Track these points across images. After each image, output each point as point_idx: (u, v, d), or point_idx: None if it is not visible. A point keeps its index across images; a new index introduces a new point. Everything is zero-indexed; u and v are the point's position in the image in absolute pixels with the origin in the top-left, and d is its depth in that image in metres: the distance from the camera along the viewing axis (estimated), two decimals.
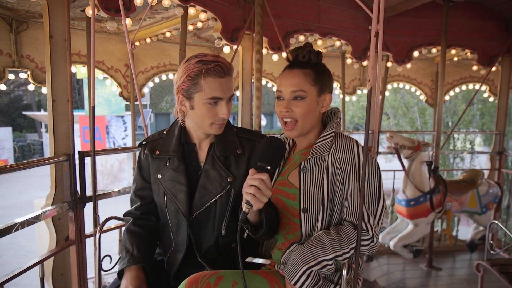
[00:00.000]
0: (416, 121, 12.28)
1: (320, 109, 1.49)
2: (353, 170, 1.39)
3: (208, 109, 1.42)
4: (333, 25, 3.89)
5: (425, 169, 3.98)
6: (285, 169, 1.56)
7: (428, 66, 5.98)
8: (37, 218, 1.90)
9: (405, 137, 4.08)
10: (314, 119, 1.49)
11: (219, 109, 1.42)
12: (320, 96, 1.48)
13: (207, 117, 1.43)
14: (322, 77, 1.47)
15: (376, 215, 1.40)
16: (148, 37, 4.64)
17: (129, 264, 1.42)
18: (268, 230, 1.38)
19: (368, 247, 1.37)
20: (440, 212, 4.00)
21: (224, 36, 3.14)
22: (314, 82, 1.45)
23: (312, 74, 1.45)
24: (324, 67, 1.50)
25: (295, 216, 1.47)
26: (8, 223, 1.78)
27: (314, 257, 1.32)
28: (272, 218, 1.42)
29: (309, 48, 1.47)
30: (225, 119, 1.47)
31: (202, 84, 1.37)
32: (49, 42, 1.93)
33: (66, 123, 2.03)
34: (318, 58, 1.48)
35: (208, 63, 1.37)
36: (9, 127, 19.28)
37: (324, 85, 1.47)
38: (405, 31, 4.29)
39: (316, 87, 1.46)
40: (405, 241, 3.98)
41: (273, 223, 1.42)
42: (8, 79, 4.09)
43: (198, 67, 1.37)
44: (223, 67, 1.39)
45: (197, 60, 1.39)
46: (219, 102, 1.42)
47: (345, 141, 1.43)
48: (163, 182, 1.53)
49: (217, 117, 1.44)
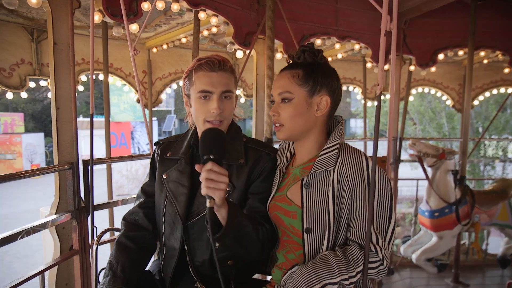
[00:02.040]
0: (443, 127, 11.83)
1: (315, 112, 1.36)
2: (362, 186, 1.26)
3: (201, 105, 1.42)
4: (351, 27, 3.75)
5: (450, 178, 3.76)
6: (284, 184, 1.44)
7: (455, 70, 5.72)
8: (42, 226, 1.88)
9: (428, 144, 3.87)
10: (306, 123, 1.36)
11: (210, 104, 1.40)
12: (313, 98, 1.34)
13: (200, 113, 1.43)
14: (314, 76, 1.33)
15: (386, 236, 1.27)
16: (165, 43, 4.65)
17: (109, 286, 1.35)
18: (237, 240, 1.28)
19: (377, 271, 1.24)
20: (467, 225, 3.76)
21: (237, 40, 3.07)
22: (302, 82, 1.33)
23: (301, 73, 1.34)
24: (320, 66, 1.36)
25: (296, 235, 1.36)
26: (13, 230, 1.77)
27: (318, 279, 1.19)
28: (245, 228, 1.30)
29: (303, 48, 1.36)
30: (217, 115, 1.41)
31: (194, 78, 1.41)
32: (53, 49, 1.91)
33: (70, 131, 2.00)
34: (314, 57, 1.36)
35: (202, 59, 1.41)
36: (42, 133, 19.96)
37: (318, 85, 1.33)
38: (429, 33, 4.09)
39: (305, 87, 1.33)
40: (429, 254, 3.76)
41: (244, 233, 1.30)
42: (30, 87, 4.18)
43: (193, 64, 1.43)
44: (214, 62, 1.40)
45: (196, 59, 1.45)
46: (209, 96, 1.40)
47: (353, 154, 1.30)
48: (167, 182, 1.50)
49: (209, 113, 1.41)
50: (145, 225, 1.54)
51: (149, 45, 4.84)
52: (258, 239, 1.34)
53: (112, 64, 4.69)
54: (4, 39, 3.86)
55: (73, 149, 2.01)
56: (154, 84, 5.18)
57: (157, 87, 5.21)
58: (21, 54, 3.97)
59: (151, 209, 1.57)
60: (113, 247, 1.50)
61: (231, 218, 1.22)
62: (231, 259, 1.46)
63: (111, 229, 1.70)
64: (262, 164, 1.48)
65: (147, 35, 4.53)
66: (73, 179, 2.00)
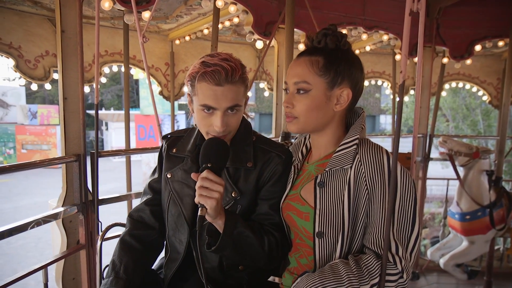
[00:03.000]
0: (478, 124, 11.23)
1: (334, 106, 1.21)
2: (382, 187, 1.12)
3: (203, 117, 1.27)
4: (380, 17, 3.53)
5: (484, 179, 3.49)
6: (298, 181, 1.31)
7: (494, 63, 5.34)
8: (53, 217, 1.85)
9: (460, 142, 3.61)
10: (322, 117, 1.21)
11: (213, 120, 1.25)
12: (333, 90, 1.19)
13: (202, 125, 1.30)
14: (336, 66, 1.18)
15: (408, 245, 1.11)
16: (188, 35, 4.58)
17: (111, 286, 1.28)
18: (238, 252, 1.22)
19: (395, 284, 1.08)
20: (502, 230, 3.48)
21: (257, 30, 2.94)
22: (322, 71, 1.18)
23: (321, 62, 1.18)
24: (344, 54, 1.20)
25: (308, 238, 1.22)
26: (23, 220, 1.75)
27: None
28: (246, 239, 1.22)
29: (325, 31, 1.20)
30: (220, 132, 1.26)
31: (196, 88, 1.24)
32: (61, 37, 1.85)
33: (77, 122, 1.94)
34: (338, 43, 1.20)
35: (209, 65, 1.21)
36: None
37: (339, 76, 1.18)
38: (466, 22, 3.79)
39: (326, 77, 1.18)
40: (458, 259, 3.52)
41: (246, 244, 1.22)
42: (53, 78, 4.22)
43: (198, 69, 1.23)
44: (221, 73, 1.19)
45: (201, 61, 1.24)
46: (213, 111, 1.24)
47: (373, 151, 1.15)
48: (171, 182, 1.40)
49: (212, 128, 1.27)
50: (151, 223, 1.46)
51: (171, 37, 4.78)
52: (263, 250, 1.24)
53: (135, 56, 4.67)
54: (29, 30, 3.89)
55: (80, 140, 1.95)
56: (177, 76, 5.13)
57: (180, 79, 5.16)
58: (45, 45, 4.00)
59: (158, 206, 1.49)
60: (117, 245, 1.42)
61: (228, 229, 1.16)
62: (242, 264, 1.36)
63: (116, 225, 1.63)
64: (272, 167, 1.35)
65: (169, 26, 4.47)
66: (79, 171, 1.95)
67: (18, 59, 3.81)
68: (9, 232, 1.67)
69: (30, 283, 4.77)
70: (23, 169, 1.85)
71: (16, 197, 11.31)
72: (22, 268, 6.19)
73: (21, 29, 3.80)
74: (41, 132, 18.51)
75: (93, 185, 2.02)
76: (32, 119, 19.18)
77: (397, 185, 1.11)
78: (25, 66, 3.89)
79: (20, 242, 7.26)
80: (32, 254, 6.94)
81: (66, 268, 2.03)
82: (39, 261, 1.86)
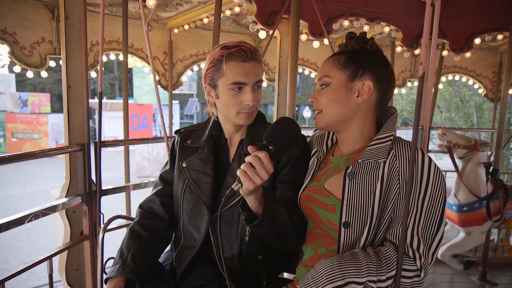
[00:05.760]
0: (471, 117, 11.33)
1: (356, 99, 1.23)
2: (414, 184, 1.13)
3: (232, 96, 1.33)
4: (382, 9, 3.50)
5: (482, 171, 3.52)
6: (320, 173, 1.32)
7: (490, 56, 5.38)
8: (52, 210, 1.81)
9: (459, 134, 3.64)
10: (345, 110, 1.24)
11: (243, 96, 1.33)
12: (353, 82, 1.23)
13: (232, 105, 1.35)
14: (357, 60, 1.22)
15: (431, 245, 1.12)
16: (187, 24, 4.51)
17: (118, 274, 1.29)
18: (273, 228, 1.20)
19: (411, 281, 1.09)
20: (499, 221, 3.53)
21: (260, 20, 2.89)
22: (343, 65, 1.23)
23: (343, 57, 1.24)
24: (366, 51, 1.25)
25: (332, 229, 1.23)
26: (21, 213, 1.70)
27: (342, 275, 1.05)
28: (280, 216, 1.22)
29: (350, 34, 1.27)
30: (252, 107, 1.35)
31: (224, 69, 1.31)
32: (64, 23, 1.80)
33: (81, 111, 1.90)
34: (363, 44, 1.26)
35: (230, 48, 1.31)
36: None
37: (360, 69, 1.22)
38: (466, 15, 3.78)
39: (345, 71, 1.23)
40: (455, 250, 3.56)
41: (280, 221, 1.23)
42: (50, 66, 4.14)
43: (221, 52, 1.32)
44: (246, 51, 1.31)
45: (221, 47, 1.34)
46: (243, 88, 1.33)
47: (408, 148, 1.18)
48: (187, 171, 1.43)
49: (243, 105, 1.34)
50: (161, 214, 1.48)
51: (170, 26, 4.71)
52: (293, 227, 1.26)
53: (133, 44, 4.60)
54: (24, 16, 3.80)
55: (84, 129, 1.92)
56: (175, 65, 5.07)
57: (178, 69, 5.11)
58: (41, 32, 3.92)
59: (169, 197, 1.51)
60: (126, 234, 1.44)
61: (268, 203, 1.15)
62: (262, 253, 1.38)
63: (119, 217, 1.62)
64: (290, 152, 1.38)
65: (168, 14, 4.40)
66: (83, 161, 1.92)
67: (13, 45, 3.72)
68: (6, 226, 1.61)
69: None
70: (24, 159, 1.82)
71: (7, 186, 11.16)
72: (14, 258, 6.17)
73: (16, 14, 3.71)
74: (32, 121, 18.26)
75: (96, 175, 1.99)
76: (23, 107, 18.89)
77: (428, 183, 1.13)
78: (20, 52, 3.80)
79: (12, 232, 7.21)
80: (24, 244, 6.89)
81: (69, 259, 2.01)
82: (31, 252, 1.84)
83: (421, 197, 1.12)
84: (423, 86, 1.05)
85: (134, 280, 1.30)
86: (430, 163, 1.14)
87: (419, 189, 1.12)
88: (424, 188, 1.12)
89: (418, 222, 1.11)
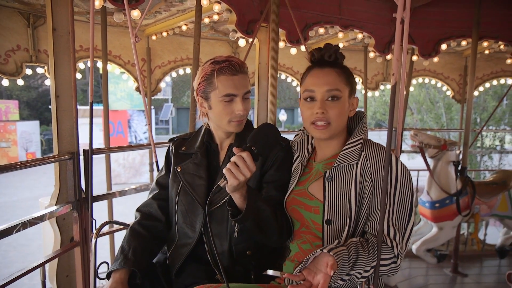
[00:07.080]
0: (441, 117, 11.81)
1: (349, 112, 1.39)
2: None
3: (224, 107, 1.45)
4: (355, 16, 3.68)
5: (451, 169, 3.74)
6: (305, 178, 1.44)
7: (457, 60, 5.68)
8: (40, 219, 1.83)
9: (430, 135, 3.85)
10: (345, 122, 1.39)
11: (234, 106, 1.45)
12: (351, 98, 1.38)
13: (224, 115, 1.46)
14: (352, 79, 1.38)
15: (404, 234, 1.25)
16: (165, 31, 4.56)
17: (120, 267, 1.38)
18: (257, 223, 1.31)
19: (388, 268, 1.22)
20: (468, 216, 3.76)
21: (239, 28, 3.00)
22: (346, 82, 1.35)
23: (343, 74, 1.36)
24: (349, 69, 1.41)
25: (316, 228, 1.35)
26: (8, 223, 1.72)
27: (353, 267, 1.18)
28: (263, 212, 1.33)
29: (336, 48, 1.37)
30: (242, 116, 1.47)
31: (215, 83, 1.42)
32: (52, 35, 1.84)
33: (70, 120, 1.94)
34: (343, 59, 1.40)
35: (220, 62, 1.43)
36: (37, 121, 19.78)
37: (354, 87, 1.38)
38: (433, 23, 4.02)
39: (348, 87, 1.36)
40: (429, 245, 3.76)
41: (263, 217, 1.33)
42: (26, 74, 4.09)
43: (212, 67, 1.43)
44: (234, 65, 1.43)
45: (211, 61, 1.46)
46: (234, 99, 1.44)
47: (377, 149, 1.31)
48: (182, 174, 1.54)
49: (234, 114, 1.46)
50: (159, 216, 1.59)
51: (148, 33, 4.74)
52: (276, 223, 1.36)
53: (111, 51, 4.60)
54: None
55: (73, 138, 1.96)
56: (153, 72, 5.10)
57: (156, 75, 5.14)
58: (17, 40, 3.87)
59: (165, 201, 1.62)
60: (126, 233, 1.54)
61: (251, 201, 1.26)
62: (250, 249, 1.48)
63: (110, 222, 1.68)
64: (275, 153, 1.51)
65: (147, 22, 4.44)
66: (73, 169, 1.96)
67: None
68: None
69: None
70: (13, 169, 1.84)
71: None
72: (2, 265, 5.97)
73: None
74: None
75: (87, 182, 2.03)
76: None
77: (397, 180, 1.26)
78: None
79: None
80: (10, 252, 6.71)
81: (60, 266, 2.03)
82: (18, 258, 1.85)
83: (392, 192, 1.25)
84: (396, 93, 1.18)
85: (135, 274, 1.38)
86: (397, 162, 1.28)
87: (390, 185, 1.25)
88: (394, 184, 1.25)
89: (392, 214, 1.24)
